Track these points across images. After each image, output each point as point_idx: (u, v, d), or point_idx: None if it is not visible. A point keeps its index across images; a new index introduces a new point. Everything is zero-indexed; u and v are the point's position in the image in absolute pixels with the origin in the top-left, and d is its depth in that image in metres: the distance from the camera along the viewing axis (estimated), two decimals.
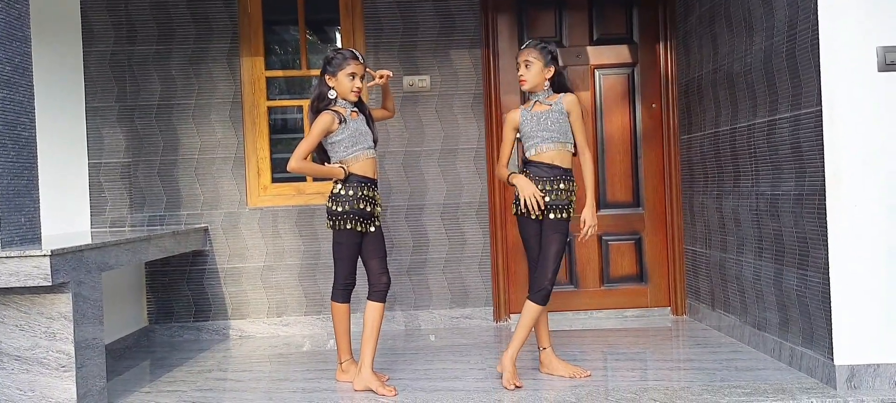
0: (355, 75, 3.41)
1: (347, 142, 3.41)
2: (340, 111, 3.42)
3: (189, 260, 4.79)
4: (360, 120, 3.47)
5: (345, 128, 3.40)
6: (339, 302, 3.53)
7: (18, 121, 3.17)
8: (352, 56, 3.42)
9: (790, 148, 3.44)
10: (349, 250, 3.45)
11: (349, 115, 3.43)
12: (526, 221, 3.49)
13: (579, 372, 3.52)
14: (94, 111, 4.76)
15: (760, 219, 3.79)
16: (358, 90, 3.42)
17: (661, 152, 5.00)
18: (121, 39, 4.76)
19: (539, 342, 3.61)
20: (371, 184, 3.45)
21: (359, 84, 3.42)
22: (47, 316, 3.02)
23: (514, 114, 3.53)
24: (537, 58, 3.44)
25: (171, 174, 4.80)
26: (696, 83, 4.57)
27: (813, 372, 3.33)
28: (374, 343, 3.42)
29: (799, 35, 3.32)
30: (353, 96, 3.43)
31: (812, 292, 3.32)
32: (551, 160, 3.43)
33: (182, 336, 4.79)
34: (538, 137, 3.44)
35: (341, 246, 3.45)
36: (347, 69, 3.40)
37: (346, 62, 3.41)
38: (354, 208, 3.39)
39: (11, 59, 3.14)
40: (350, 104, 3.46)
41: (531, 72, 3.44)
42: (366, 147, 3.44)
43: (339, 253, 3.47)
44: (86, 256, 3.18)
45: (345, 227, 3.41)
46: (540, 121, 3.45)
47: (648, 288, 5.04)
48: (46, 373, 3.02)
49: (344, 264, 3.47)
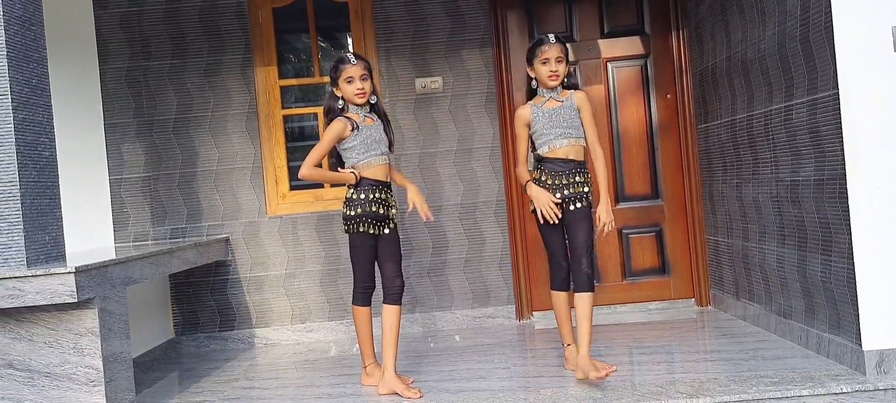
0: (353, 78, 3.40)
1: (360, 147, 3.43)
2: (354, 117, 3.44)
3: (212, 271, 4.83)
4: (375, 126, 3.49)
5: (357, 135, 3.42)
6: (359, 305, 3.57)
7: (38, 142, 3.22)
8: (345, 61, 3.43)
9: (808, 133, 3.41)
10: (365, 253, 3.48)
11: (363, 121, 3.45)
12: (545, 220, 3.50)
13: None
14: (113, 127, 4.82)
15: (781, 206, 3.75)
16: (361, 92, 3.41)
17: (677, 143, 4.97)
18: (136, 55, 4.82)
19: (564, 338, 3.60)
20: (383, 188, 3.47)
21: (360, 85, 3.40)
22: (75, 332, 3.07)
23: (524, 111, 3.52)
24: (563, 53, 3.46)
25: (191, 186, 4.85)
26: (711, 71, 4.54)
27: (841, 359, 3.29)
28: (394, 345, 3.44)
29: (812, 18, 3.29)
30: (359, 99, 3.42)
31: (837, 277, 3.28)
32: (566, 155, 3.44)
33: (208, 346, 4.83)
34: (552, 134, 3.44)
35: (357, 249, 3.48)
36: (344, 75, 3.41)
37: (341, 68, 3.42)
38: (367, 211, 3.42)
39: (29, 80, 3.19)
40: (362, 109, 3.47)
41: (562, 67, 3.45)
42: (378, 153, 3.46)
43: (355, 257, 3.50)
44: (110, 271, 3.22)
45: (358, 230, 3.44)
46: (552, 117, 3.46)
47: (671, 279, 5.01)
48: (76, 389, 3.06)
49: (361, 267, 3.51)
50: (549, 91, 3.48)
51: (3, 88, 3.05)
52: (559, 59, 3.44)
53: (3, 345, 3.06)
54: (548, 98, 3.48)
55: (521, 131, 3.54)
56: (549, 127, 3.45)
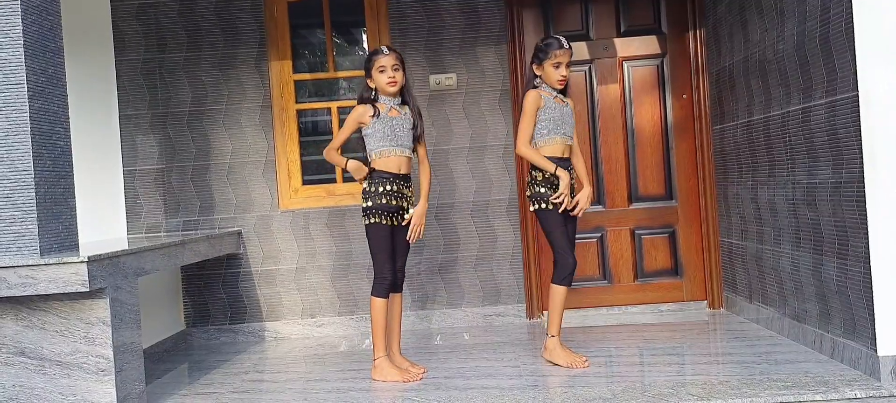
0: (385, 68, 3.52)
1: (378, 135, 3.53)
2: (380, 106, 3.55)
3: (223, 264, 4.85)
4: (400, 118, 3.57)
5: (376, 122, 3.52)
6: (378, 297, 3.55)
7: (53, 131, 3.24)
8: (378, 52, 3.57)
9: (826, 135, 3.37)
10: (380, 243, 3.53)
11: (388, 111, 3.55)
12: (552, 214, 3.60)
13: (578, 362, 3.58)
14: (128, 119, 4.84)
15: (797, 209, 3.71)
16: (393, 81, 3.52)
17: (693, 143, 4.93)
18: (151, 48, 4.83)
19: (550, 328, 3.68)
20: (397, 180, 3.56)
21: (391, 74, 3.51)
22: (86, 321, 3.08)
23: (536, 96, 3.63)
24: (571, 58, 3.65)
25: (204, 179, 4.86)
26: (728, 72, 4.50)
27: (856, 364, 3.25)
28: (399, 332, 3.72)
29: (833, 19, 3.24)
30: (391, 88, 3.53)
31: (853, 282, 3.24)
32: (562, 153, 3.64)
33: (218, 338, 4.84)
34: (559, 130, 3.62)
35: (373, 239, 3.55)
36: (377, 65, 3.54)
37: (373, 59, 3.56)
38: (377, 203, 3.51)
39: (45, 69, 3.21)
40: (393, 100, 3.57)
41: (569, 71, 3.66)
42: (395, 144, 3.54)
43: (372, 248, 3.57)
44: (122, 262, 3.23)
45: (372, 221, 3.53)
46: (562, 114, 3.65)
47: (684, 281, 4.97)
48: (87, 378, 3.08)
49: (380, 257, 3.54)
50: (553, 90, 3.65)
51: (20, 78, 3.07)
52: (569, 64, 3.64)
53: (16, 333, 3.08)
54: (555, 95, 3.65)
55: (532, 111, 3.61)
56: (559, 121, 3.62)
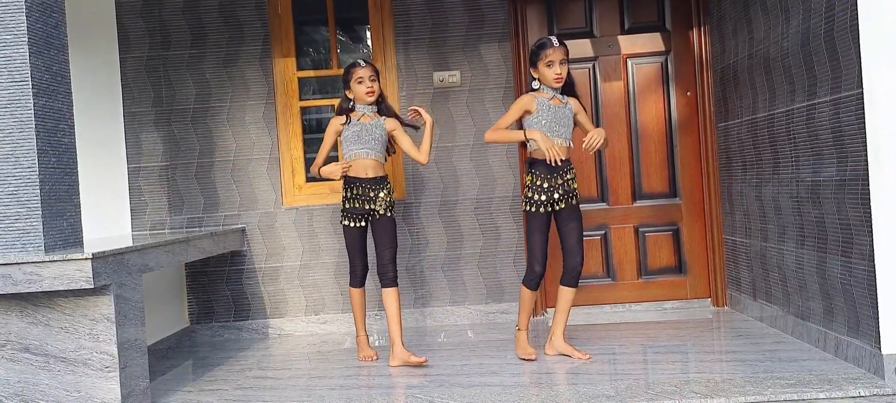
0: (363, 79, 3.83)
1: (349, 139, 3.86)
2: (353, 114, 3.87)
3: (227, 261, 4.86)
4: (371, 124, 3.86)
5: (349, 128, 3.86)
6: (351, 286, 3.99)
7: (58, 128, 3.24)
8: (356, 65, 3.86)
9: (830, 132, 3.36)
10: (348, 241, 3.93)
11: (360, 118, 3.86)
12: (538, 216, 3.63)
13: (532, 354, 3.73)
14: (132, 116, 4.85)
15: (801, 207, 3.70)
16: (371, 91, 3.83)
17: (697, 141, 4.92)
18: (155, 45, 4.84)
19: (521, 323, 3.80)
20: (365, 184, 3.85)
21: (369, 85, 3.82)
22: (90, 318, 3.09)
23: (528, 99, 3.65)
24: (566, 55, 3.63)
25: (208, 176, 4.87)
26: (732, 69, 4.49)
27: (859, 362, 3.24)
28: (398, 323, 3.84)
29: (837, 16, 3.23)
30: (369, 97, 3.84)
31: (857, 280, 3.24)
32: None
33: (223, 335, 4.86)
34: (553, 132, 3.60)
35: (345, 238, 3.96)
36: (354, 77, 3.84)
37: (351, 72, 3.86)
38: (346, 207, 3.89)
39: (50, 67, 3.22)
40: (369, 108, 3.87)
41: (565, 69, 3.61)
42: (364, 147, 3.83)
43: (347, 247, 3.96)
44: (126, 259, 3.24)
45: (343, 222, 3.93)
46: (556, 116, 3.63)
47: (687, 279, 4.96)
48: (91, 374, 3.09)
49: (350, 253, 3.95)
50: (553, 91, 3.64)
51: (25, 75, 3.08)
52: (563, 61, 3.61)
53: (20, 329, 3.09)
54: (552, 96, 3.63)
55: (515, 113, 3.64)
56: (552, 123, 3.60)
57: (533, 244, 3.66)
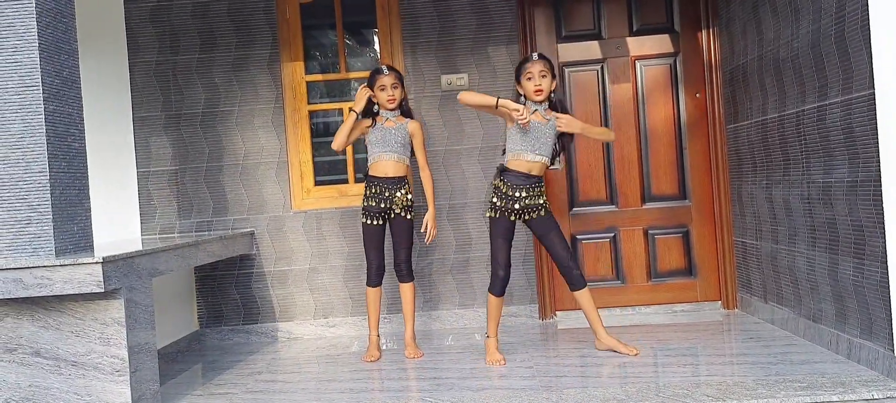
0: (386, 87, 4.01)
1: (373, 142, 4.05)
2: (378, 119, 4.05)
3: (237, 265, 4.86)
4: (394, 128, 4.02)
5: (373, 131, 4.05)
6: (368, 285, 4.12)
7: (68, 133, 3.26)
8: (379, 72, 4.05)
9: (842, 133, 3.34)
10: (367, 240, 4.08)
11: (384, 122, 4.03)
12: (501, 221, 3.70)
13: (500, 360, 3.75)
14: (142, 121, 4.87)
15: (813, 208, 3.68)
16: (392, 98, 4.01)
17: (706, 142, 4.90)
18: (164, 50, 4.86)
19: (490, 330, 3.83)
20: (386, 183, 4.02)
21: (390, 93, 4.01)
22: (101, 321, 3.10)
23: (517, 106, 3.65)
24: (549, 70, 3.68)
25: (217, 180, 4.88)
26: (741, 70, 4.47)
27: (873, 365, 3.22)
28: (411, 317, 4.11)
29: (848, 16, 3.21)
30: (390, 105, 4.03)
31: (869, 282, 3.21)
32: (529, 170, 3.69)
33: (232, 339, 4.86)
34: (529, 147, 3.65)
35: (363, 236, 4.11)
36: (377, 84, 4.03)
37: (374, 78, 4.05)
38: (365, 205, 4.06)
39: (60, 72, 3.23)
40: (391, 113, 4.05)
41: (546, 81, 3.68)
42: (387, 150, 4.01)
43: (364, 244, 4.11)
44: (137, 263, 3.25)
45: (362, 220, 4.10)
46: (536, 131, 3.68)
47: (698, 281, 4.94)
48: (102, 378, 3.09)
49: (367, 252, 4.10)
50: (537, 105, 3.69)
51: (35, 80, 3.10)
52: (542, 73, 3.67)
53: (31, 333, 3.10)
54: (535, 110, 3.69)
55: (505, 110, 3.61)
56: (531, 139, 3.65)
57: (495, 249, 3.75)
